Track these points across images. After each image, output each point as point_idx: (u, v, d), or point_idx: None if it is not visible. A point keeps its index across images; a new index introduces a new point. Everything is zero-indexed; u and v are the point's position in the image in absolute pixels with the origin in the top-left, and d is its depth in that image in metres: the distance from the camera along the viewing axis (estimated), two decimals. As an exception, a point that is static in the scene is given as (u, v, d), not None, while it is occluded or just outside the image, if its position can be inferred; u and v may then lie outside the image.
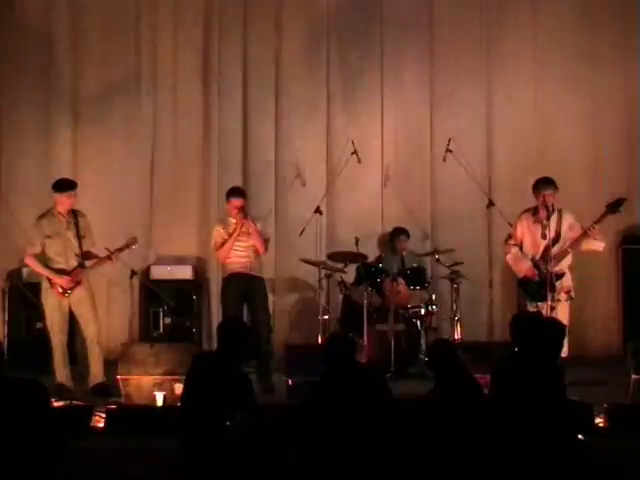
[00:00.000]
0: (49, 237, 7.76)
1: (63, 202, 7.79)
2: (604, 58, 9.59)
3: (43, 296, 7.85)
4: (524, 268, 7.91)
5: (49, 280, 7.73)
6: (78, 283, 7.75)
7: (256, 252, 8.05)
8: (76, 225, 7.82)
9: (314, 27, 9.69)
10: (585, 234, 7.75)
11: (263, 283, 8.15)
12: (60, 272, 7.72)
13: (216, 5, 9.67)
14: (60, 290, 7.70)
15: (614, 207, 7.77)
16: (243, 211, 7.98)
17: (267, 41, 9.67)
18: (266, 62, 9.66)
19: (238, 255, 8.02)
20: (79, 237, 7.81)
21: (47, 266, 7.75)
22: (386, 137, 9.65)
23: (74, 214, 7.85)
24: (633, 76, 9.56)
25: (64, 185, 7.83)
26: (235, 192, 8.11)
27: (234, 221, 8.00)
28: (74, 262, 7.79)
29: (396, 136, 9.69)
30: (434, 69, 9.67)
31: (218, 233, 8.08)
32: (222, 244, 8.02)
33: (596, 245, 7.88)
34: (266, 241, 8.16)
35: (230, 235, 7.98)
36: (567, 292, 7.85)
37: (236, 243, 7.99)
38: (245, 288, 8.00)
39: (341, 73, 9.71)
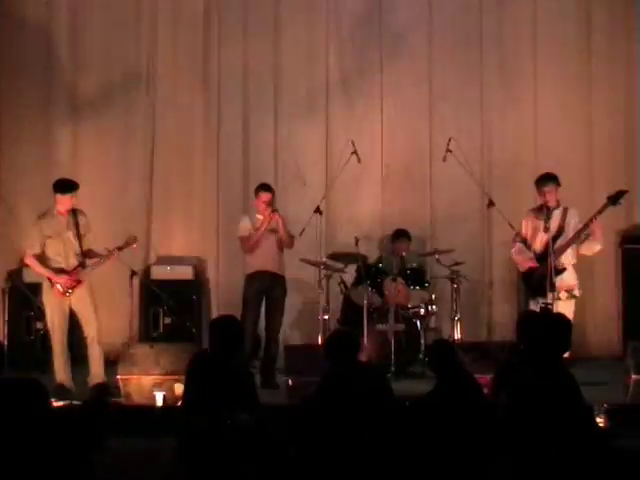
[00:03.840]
0: (49, 237, 7.76)
1: (64, 203, 7.78)
2: (603, 57, 9.59)
3: (44, 296, 7.85)
4: (525, 259, 7.90)
5: (49, 280, 7.73)
6: (79, 282, 7.76)
7: (280, 249, 8.14)
8: (76, 224, 7.82)
9: (314, 27, 9.69)
10: (587, 226, 7.72)
11: (284, 282, 8.23)
12: (60, 272, 7.73)
13: (216, 5, 9.67)
14: (61, 290, 7.70)
15: (615, 199, 7.74)
16: (271, 206, 8.07)
17: (267, 41, 9.66)
18: (266, 62, 9.66)
19: (263, 252, 8.07)
20: (79, 236, 7.82)
21: (47, 266, 7.75)
22: (386, 137, 9.66)
23: (74, 213, 7.85)
24: (632, 75, 9.57)
25: (66, 186, 7.82)
26: (264, 187, 8.21)
27: (261, 217, 8.08)
28: (74, 261, 7.79)
29: (396, 136, 9.69)
30: (433, 69, 9.67)
31: (244, 226, 8.15)
32: (248, 238, 8.09)
33: (593, 246, 7.86)
34: (293, 237, 8.24)
35: (257, 230, 8.05)
36: (568, 290, 7.83)
37: (262, 239, 8.06)
38: (267, 286, 8.10)
39: (341, 73, 9.72)
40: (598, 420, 6.59)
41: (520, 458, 5.20)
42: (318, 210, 8.72)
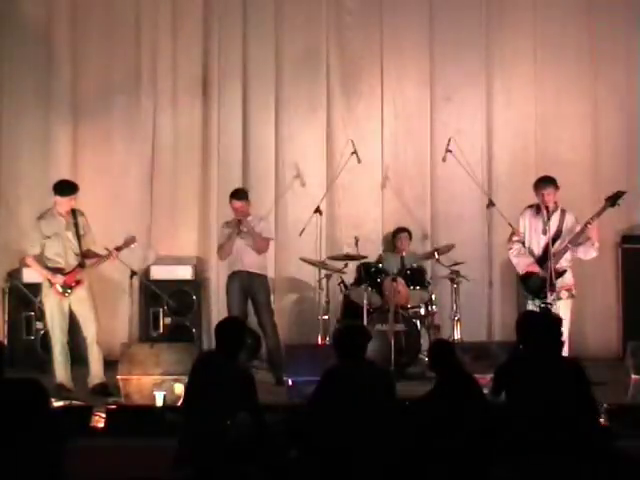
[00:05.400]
0: (48, 238, 7.77)
1: (63, 204, 7.79)
2: (604, 57, 9.58)
3: (43, 296, 7.86)
4: (526, 263, 7.89)
5: (49, 280, 7.74)
6: (78, 282, 7.76)
7: (256, 250, 8.25)
8: (75, 225, 7.83)
9: (314, 28, 9.68)
10: (585, 228, 7.74)
11: (265, 280, 8.36)
12: (59, 272, 7.73)
13: (216, 5, 9.67)
14: (60, 290, 7.70)
15: (614, 200, 7.74)
16: (241, 215, 8.17)
17: (267, 41, 9.65)
18: (266, 62, 9.66)
19: (238, 254, 8.21)
20: (78, 236, 7.83)
21: (46, 266, 7.76)
22: (386, 137, 9.65)
23: (73, 213, 7.86)
24: (633, 75, 9.56)
25: (65, 188, 7.83)
26: (234, 194, 8.36)
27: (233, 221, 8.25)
28: (74, 262, 7.80)
29: (396, 136, 9.68)
30: (434, 69, 9.66)
31: (221, 233, 8.38)
32: (221, 247, 8.32)
33: (589, 252, 7.86)
34: (267, 241, 8.33)
35: (229, 236, 8.20)
36: (568, 289, 7.84)
37: (237, 241, 8.19)
38: (247, 286, 8.23)
39: (341, 73, 9.71)
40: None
41: (521, 457, 5.21)
42: (318, 210, 8.72)
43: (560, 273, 7.74)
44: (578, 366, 5.59)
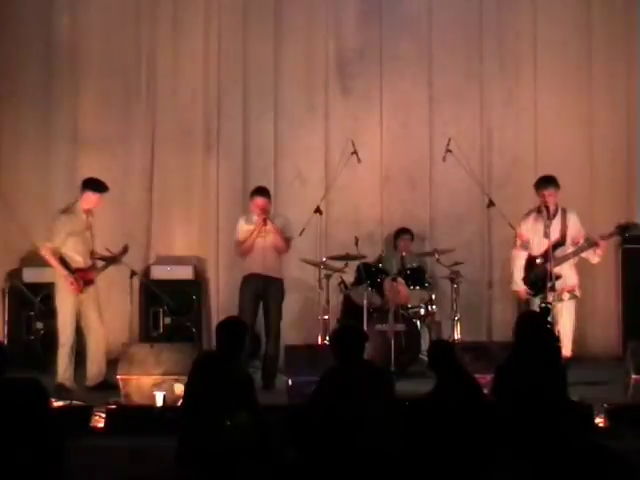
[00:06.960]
0: (71, 235, 7.74)
1: (93, 202, 7.81)
2: (604, 58, 9.59)
3: (57, 293, 7.81)
4: (519, 281, 8.03)
5: (67, 277, 7.70)
6: (91, 281, 7.78)
7: (276, 252, 8.10)
8: (90, 224, 7.88)
9: (314, 28, 9.69)
10: (586, 248, 7.81)
11: (281, 284, 8.19)
12: (76, 270, 7.72)
13: (216, 5, 9.67)
14: (81, 284, 7.68)
15: (624, 230, 7.82)
16: (265, 213, 8.01)
17: (267, 41, 9.66)
18: (266, 62, 9.66)
19: (256, 255, 8.04)
20: (92, 236, 7.87)
21: (66, 265, 7.71)
22: (386, 137, 9.66)
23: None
24: (633, 76, 9.57)
25: (101, 186, 7.86)
26: (258, 191, 8.14)
27: (257, 219, 8.05)
28: (89, 261, 7.84)
29: (396, 136, 9.69)
30: (434, 69, 9.67)
31: (240, 228, 8.14)
32: (241, 242, 8.09)
33: (592, 258, 7.93)
34: (288, 240, 8.18)
35: (251, 233, 8.02)
36: (570, 291, 7.87)
37: (257, 241, 8.03)
38: (262, 289, 8.07)
39: (341, 73, 9.71)
40: (597, 420, 6.62)
41: (520, 457, 5.22)
42: (318, 210, 8.71)
43: (556, 277, 7.77)
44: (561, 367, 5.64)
